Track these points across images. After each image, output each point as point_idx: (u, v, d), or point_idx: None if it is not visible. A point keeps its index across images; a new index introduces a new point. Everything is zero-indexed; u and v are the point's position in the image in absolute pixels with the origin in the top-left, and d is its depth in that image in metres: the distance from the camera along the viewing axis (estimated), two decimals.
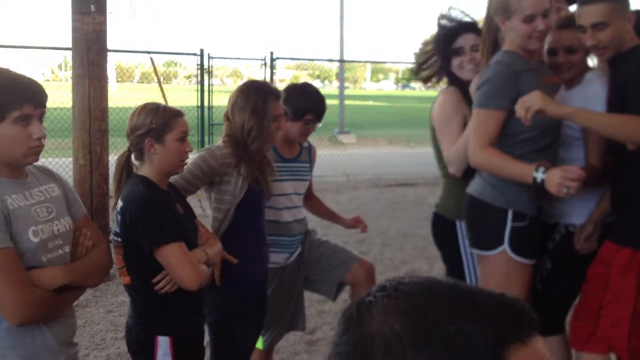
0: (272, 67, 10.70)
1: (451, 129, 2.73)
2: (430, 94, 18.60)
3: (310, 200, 3.35)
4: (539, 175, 2.27)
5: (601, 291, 2.48)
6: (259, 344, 3.05)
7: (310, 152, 3.17)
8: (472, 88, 2.63)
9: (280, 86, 3.58)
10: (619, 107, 2.37)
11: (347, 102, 18.14)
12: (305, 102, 2.92)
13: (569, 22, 2.55)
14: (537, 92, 2.26)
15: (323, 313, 4.60)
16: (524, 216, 2.47)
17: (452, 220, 2.80)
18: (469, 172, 2.64)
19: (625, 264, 2.42)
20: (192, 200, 2.75)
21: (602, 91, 2.52)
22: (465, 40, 2.76)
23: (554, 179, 2.22)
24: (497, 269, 2.52)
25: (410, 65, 3.08)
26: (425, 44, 3.06)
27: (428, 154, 3.23)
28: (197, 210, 4.00)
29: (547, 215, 2.69)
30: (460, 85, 2.79)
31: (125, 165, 2.32)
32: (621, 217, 2.52)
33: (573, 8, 2.66)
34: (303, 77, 51.45)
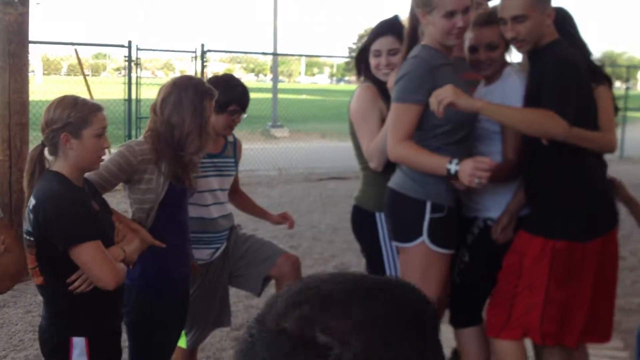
0: (204, 60, 10.56)
1: (369, 123, 2.75)
2: None
3: (237, 195, 3.32)
4: (453, 167, 2.33)
5: (515, 279, 2.57)
6: (182, 343, 3.01)
7: (236, 147, 3.14)
8: (390, 83, 2.66)
9: None
10: (535, 101, 2.43)
11: (280, 95, 18.08)
12: (229, 94, 2.88)
13: (490, 19, 2.61)
14: (449, 86, 2.31)
15: (251, 308, 4.58)
16: (442, 207, 2.51)
17: (372, 212, 2.82)
18: (389, 165, 2.67)
19: (538, 252, 2.51)
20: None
21: (520, 86, 2.59)
22: (382, 43, 2.78)
23: (466, 169, 2.28)
24: (416, 260, 2.56)
25: (345, 60, 3.09)
26: (361, 37, 3.08)
27: None
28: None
29: (466, 209, 2.76)
30: (378, 81, 2.82)
31: (38, 160, 2.22)
32: (533, 208, 2.61)
33: (492, 3, 2.74)
34: (237, 71, 50.97)
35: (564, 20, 2.67)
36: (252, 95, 3.10)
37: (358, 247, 3.11)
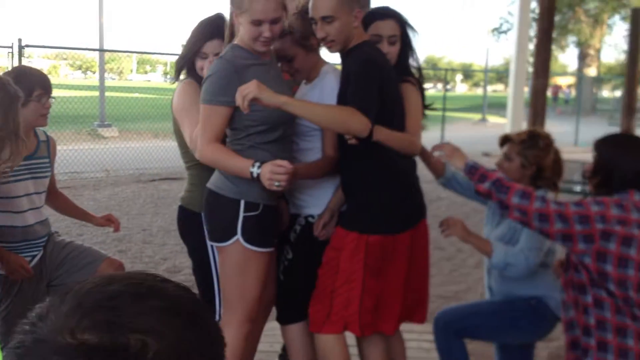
0: (21, 56, 9.85)
1: (191, 115, 2.69)
2: None
3: (54, 197, 3.14)
4: (255, 170, 2.37)
5: (334, 275, 2.64)
6: None
7: (49, 146, 2.97)
8: None
9: None
10: (344, 100, 2.51)
11: (109, 93, 17.33)
12: (28, 80, 2.73)
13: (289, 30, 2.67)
14: (253, 81, 2.32)
15: None
16: (256, 206, 2.53)
17: (198, 213, 2.78)
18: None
19: (353, 247, 2.60)
20: None
21: (336, 84, 2.66)
22: (210, 47, 2.76)
23: (264, 173, 2.33)
24: (233, 259, 2.56)
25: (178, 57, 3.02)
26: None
27: None
28: None
29: (289, 207, 2.81)
30: (200, 79, 2.80)
31: None
32: (348, 204, 2.71)
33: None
34: (63, 67, 48.17)
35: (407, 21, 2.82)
36: (78, 93, 2.99)
37: None
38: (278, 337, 3.24)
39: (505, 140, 2.92)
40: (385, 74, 2.55)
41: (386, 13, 2.78)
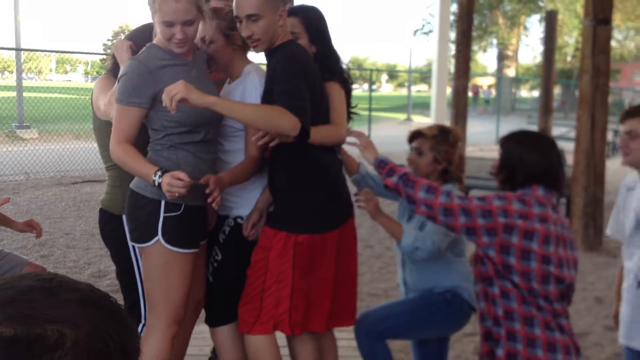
0: None
1: (107, 93, 2.64)
2: None
3: None
4: (157, 179, 2.35)
5: (263, 275, 2.65)
6: None
7: None
8: None
9: None
10: (270, 99, 2.51)
11: (28, 94, 16.70)
12: None
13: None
14: (180, 82, 2.29)
15: None
16: (177, 206, 2.50)
17: (119, 215, 2.74)
18: None
19: (281, 246, 2.61)
20: None
21: (259, 83, 2.66)
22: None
23: (164, 185, 2.32)
24: (154, 261, 2.53)
25: (100, 57, 2.94)
26: (116, 34, 2.95)
27: None
28: None
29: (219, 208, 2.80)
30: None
31: None
32: (276, 204, 2.72)
33: None
34: None
35: (319, 21, 2.82)
36: None
37: None
38: (207, 340, 3.21)
39: (415, 135, 2.96)
40: (309, 71, 2.56)
41: (290, 11, 2.74)
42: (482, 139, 18.72)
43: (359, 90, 47.15)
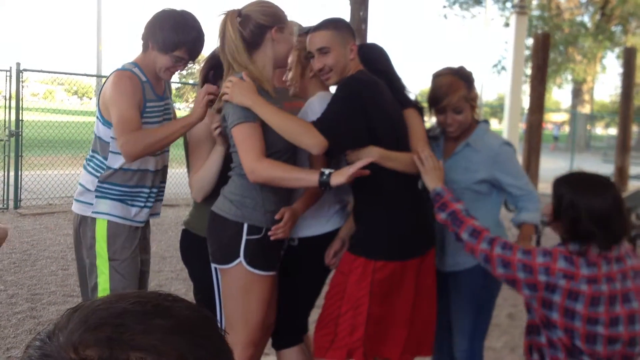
0: (19, 80, 9.88)
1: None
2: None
3: None
4: (324, 178, 2.39)
5: (339, 300, 2.64)
6: None
7: None
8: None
9: (32, 101, 3.28)
10: None
11: None
12: (187, 35, 2.74)
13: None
14: (234, 83, 2.45)
15: None
16: (259, 229, 2.55)
17: (203, 237, 2.79)
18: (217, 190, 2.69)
19: (360, 272, 2.60)
20: None
21: (318, 102, 2.71)
22: None
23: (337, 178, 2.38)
24: (235, 282, 2.57)
25: (176, 85, 3.07)
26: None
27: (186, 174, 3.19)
28: None
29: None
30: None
31: None
32: (357, 229, 2.72)
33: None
34: (58, 92, 48.24)
35: (379, 56, 2.87)
36: (76, 118, 2.97)
37: (187, 276, 3.05)
38: None
39: (439, 96, 2.84)
40: (366, 96, 2.55)
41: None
42: (556, 175, 18.22)
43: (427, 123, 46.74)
